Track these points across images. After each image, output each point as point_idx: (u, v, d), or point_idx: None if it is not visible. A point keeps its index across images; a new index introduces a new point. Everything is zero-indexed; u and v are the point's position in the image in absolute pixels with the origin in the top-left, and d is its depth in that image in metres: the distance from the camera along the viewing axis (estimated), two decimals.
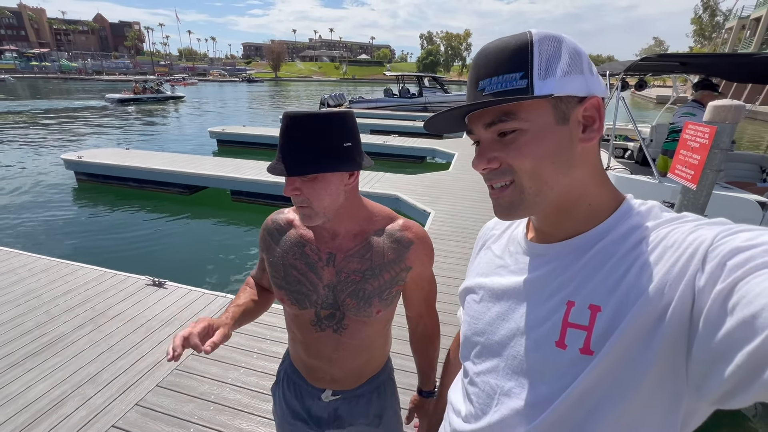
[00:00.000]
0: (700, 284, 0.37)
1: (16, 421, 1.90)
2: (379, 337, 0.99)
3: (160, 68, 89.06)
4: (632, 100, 38.01)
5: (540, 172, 0.47)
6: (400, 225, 0.91)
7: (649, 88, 37.47)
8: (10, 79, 51.61)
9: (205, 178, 6.85)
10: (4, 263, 3.50)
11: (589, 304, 0.45)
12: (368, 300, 0.88)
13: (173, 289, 3.16)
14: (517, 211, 0.50)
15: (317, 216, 0.82)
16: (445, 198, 5.72)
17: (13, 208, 6.76)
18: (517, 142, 0.47)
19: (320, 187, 0.79)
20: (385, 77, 33.24)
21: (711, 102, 2.13)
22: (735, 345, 0.32)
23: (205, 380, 2.21)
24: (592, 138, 0.48)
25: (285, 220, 0.95)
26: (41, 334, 2.57)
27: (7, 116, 18.25)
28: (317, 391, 1.01)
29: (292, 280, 0.91)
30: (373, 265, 0.88)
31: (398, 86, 20.87)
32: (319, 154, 0.76)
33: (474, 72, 0.50)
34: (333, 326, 0.92)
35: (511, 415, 0.51)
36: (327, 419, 1.03)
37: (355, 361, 0.97)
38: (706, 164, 2.14)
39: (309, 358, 0.97)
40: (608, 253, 0.47)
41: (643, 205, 0.49)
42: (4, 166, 9.39)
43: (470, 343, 0.61)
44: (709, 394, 0.36)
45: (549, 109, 0.46)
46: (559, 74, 0.45)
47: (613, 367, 0.42)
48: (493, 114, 0.48)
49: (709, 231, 0.40)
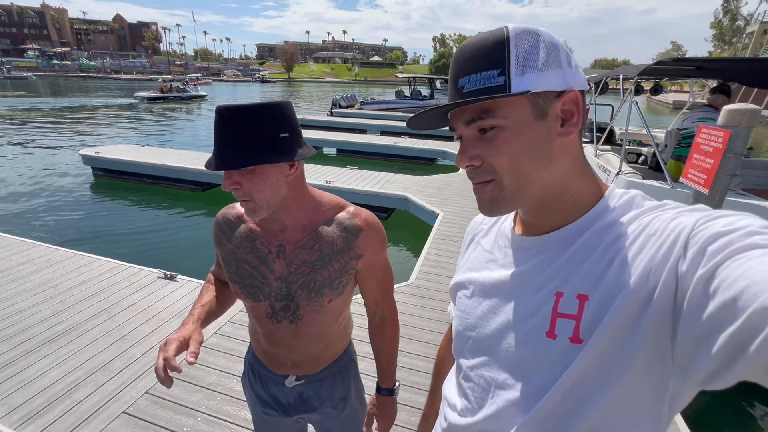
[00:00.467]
0: (682, 269, 0.38)
1: (32, 404, 1.97)
2: (334, 324, 0.99)
3: (176, 68, 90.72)
4: (648, 105, 37.35)
5: (519, 169, 0.48)
6: (350, 213, 0.91)
7: (665, 93, 36.65)
8: (32, 77, 53.27)
9: (217, 176, 6.94)
10: (24, 253, 3.62)
11: (577, 293, 0.47)
12: (319, 290, 0.89)
13: (184, 283, 3.23)
14: (500, 207, 0.51)
15: (261, 209, 0.82)
16: (454, 199, 5.71)
17: (34, 201, 6.96)
18: (496, 139, 0.48)
19: (259, 179, 0.78)
20: (396, 79, 33.26)
21: (725, 106, 2.10)
22: (718, 327, 0.33)
23: (213, 371, 2.26)
24: (571, 132, 0.48)
25: (235, 215, 0.95)
26: (57, 322, 2.65)
27: (29, 113, 18.79)
28: (280, 377, 1.02)
29: (244, 273, 0.91)
30: (322, 255, 0.88)
31: (410, 88, 20.92)
32: (253, 147, 0.75)
33: (453, 70, 0.50)
34: (288, 317, 0.93)
35: (507, 407, 0.52)
36: (294, 404, 1.05)
37: (313, 347, 0.99)
38: (720, 168, 2.11)
39: (269, 347, 0.99)
40: (593, 243, 0.48)
41: (625, 194, 0.50)
42: (27, 160, 9.68)
43: (463, 338, 0.62)
44: (695, 375, 0.37)
45: (527, 105, 0.47)
46: (537, 69, 0.45)
47: (602, 353, 0.44)
48: (473, 112, 0.48)
49: (689, 217, 0.41)
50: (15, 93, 29.77)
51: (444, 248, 4.06)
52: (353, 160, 9.48)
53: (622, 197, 0.50)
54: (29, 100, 24.44)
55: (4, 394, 2.03)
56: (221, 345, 2.49)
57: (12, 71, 57.21)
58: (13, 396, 2.01)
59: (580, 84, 0.48)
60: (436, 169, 9.22)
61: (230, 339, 2.55)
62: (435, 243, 4.20)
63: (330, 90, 52.11)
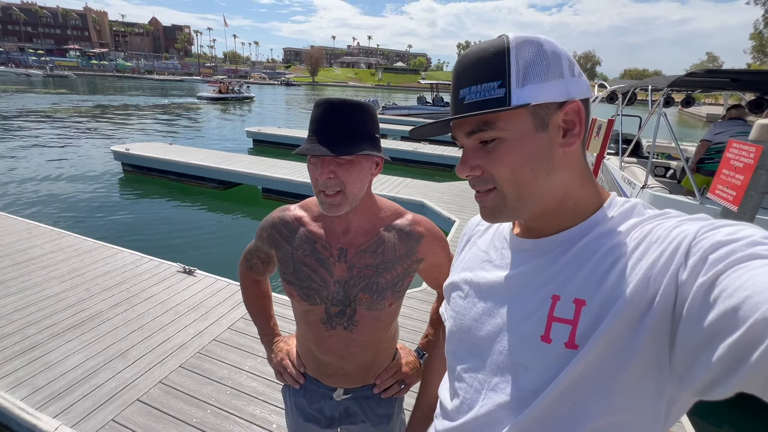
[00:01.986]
0: (682, 278, 0.37)
1: (54, 386, 2.06)
2: (386, 332, 1.00)
3: (205, 70, 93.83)
4: (679, 118, 36.02)
5: (520, 180, 0.48)
6: (409, 220, 0.93)
7: (698, 106, 35.25)
8: (73, 76, 56.36)
9: (239, 175, 7.14)
10: (55, 242, 3.80)
11: (574, 298, 0.46)
12: (382, 293, 0.90)
13: (202, 278, 3.32)
14: (501, 215, 0.52)
15: (347, 202, 0.82)
16: (471, 207, 5.66)
17: (67, 193, 7.31)
18: (497, 151, 0.48)
19: (356, 170, 0.79)
20: (419, 85, 33.30)
21: (758, 120, 2.02)
22: (717, 336, 0.32)
23: (225, 366, 2.31)
24: (572, 143, 0.48)
25: (293, 217, 0.94)
26: (81, 309, 2.77)
27: (70, 110, 19.77)
28: (329, 390, 1.02)
29: (302, 276, 0.91)
30: (385, 260, 0.89)
31: (432, 94, 20.89)
32: (359, 138, 0.78)
33: (455, 81, 0.50)
34: (344, 323, 0.93)
35: (497, 410, 0.52)
36: (339, 418, 1.05)
37: (364, 355, 0.99)
38: (750, 185, 2.02)
39: (320, 355, 0.98)
40: (593, 248, 0.47)
41: (626, 202, 0.50)
42: (65, 154, 10.19)
43: (456, 339, 0.62)
44: (692, 384, 0.36)
45: (528, 117, 0.46)
46: (538, 80, 0.45)
47: (598, 360, 0.43)
48: (473, 123, 0.48)
49: (691, 226, 0.40)
50: (56, 90, 31.47)
51: None
52: None
53: (623, 205, 0.49)
54: (70, 97, 25.77)
55: (29, 375, 2.13)
56: (233, 340, 2.54)
57: (54, 70, 60.66)
58: (38, 377, 2.12)
59: (583, 93, 0.48)
60: (454, 176, 9.16)
61: (243, 335, 2.60)
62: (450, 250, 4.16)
63: (353, 94, 52.68)
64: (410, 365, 1.08)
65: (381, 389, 1.04)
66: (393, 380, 1.05)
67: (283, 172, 6.95)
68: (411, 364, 1.08)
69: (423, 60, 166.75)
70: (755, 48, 45.35)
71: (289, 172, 7.00)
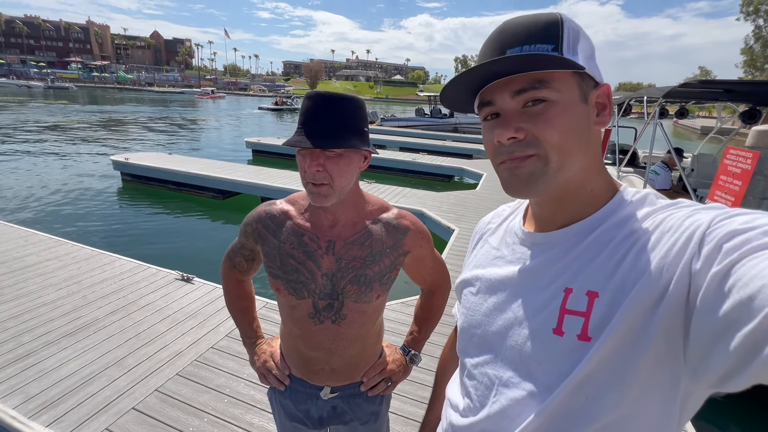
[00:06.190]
0: (696, 267, 0.37)
1: (48, 394, 2.02)
2: (373, 325, 1.00)
3: (205, 82, 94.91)
4: (674, 130, 36.47)
5: (566, 146, 0.46)
6: (395, 213, 0.95)
7: (692, 118, 35.71)
8: (73, 87, 56.86)
9: (238, 184, 7.15)
10: (52, 250, 3.78)
11: (586, 290, 0.45)
12: (370, 284, 0.90)
13: (199, 285, 3.29)
14: (536, 183, 0.47)
15: (334, 194, 0.82)
16: (470, 216, 5.67)
17: (66, 202, 7.29)
18: (547, 113, 0.45)
19: (344, 163, 0.80)
20: (417, 97, 33.74)
21: (754, 127, 2.05)
22: (732, 326, 0.32)
23: (222, 374, 2.27)
24: (605, 122, 0.49)
25: (279, 210, 0.94)
26: (77, 316, 2.73)
27: (71, 120, 19.86)
28: (315, 390, 1.01)
29: (289, 269, 0.90)
30: (373, 252, 0.90)
31: (430, 106, 21.13)
32: (349, 131, 0.79)
33: (498, 41, 0.47)
34: (331, 317, 0.92)
35: (510, 405, 0.50)
36: (327, 418, 1.04)
37: (351, 349, 0.98)
38: (748, 191, 2.03)
39: (308, 351, 0.97)
40: (605, 239, 0.47)
41: (638, 193, 0.50)
42: (65, 164, 10.19)
43: (467, 335, 0.61)
44: (707, 375, 0.36)
45: (575, 85, 0.46)
46: (583, 55, 0.47)
47: (612, 352, 0.42)
48: (525, 81, 0.45)
49: (705, 215, 0.40)
50: (57, 101, 31.67)
51: (458, 263, 4.01)
52: (371, 175, 9.56)
53: (636, 195, 0.49)
54: (71, 108, 25.89)
55: (22, 382, 2.09)
56: (231, 348, 2.50)
57: (56, 81, 61.20)
58: (31, 385, 2.07)
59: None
60: (453, 186, 9.20)
61: (240, 342, 2.56)
62: (449, 258, 4.16)
63: None
64: (396, 363, 1.08)
65: (368, 387, 1.03)
66: (380, 378, 1.05)
67: (282, 182, 6.96)
68: (397, 362, 1.09)
69: (421, 73, 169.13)
70: (746, 62, 46.24)
71: (288, 181, 7.02)
